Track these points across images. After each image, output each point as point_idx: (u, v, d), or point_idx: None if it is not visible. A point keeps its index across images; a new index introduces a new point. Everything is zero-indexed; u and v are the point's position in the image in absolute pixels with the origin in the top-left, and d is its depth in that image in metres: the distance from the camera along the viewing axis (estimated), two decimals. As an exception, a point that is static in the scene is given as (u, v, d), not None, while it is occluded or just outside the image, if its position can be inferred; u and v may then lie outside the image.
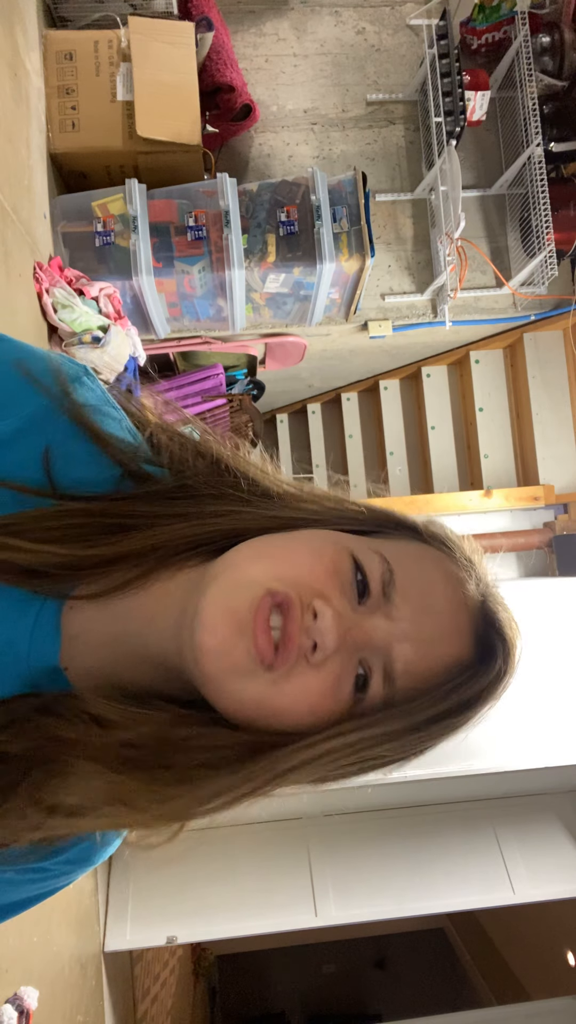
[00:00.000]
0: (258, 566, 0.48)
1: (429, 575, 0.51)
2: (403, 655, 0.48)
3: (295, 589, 0.47)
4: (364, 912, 2.90)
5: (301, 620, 0.46)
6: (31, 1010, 1.86)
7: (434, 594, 0.50)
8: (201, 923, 2.83)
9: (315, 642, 0.46)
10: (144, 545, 0.49)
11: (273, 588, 0.46)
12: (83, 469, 0.51)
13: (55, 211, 2.41)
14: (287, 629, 0.46)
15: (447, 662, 0.49)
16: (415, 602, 0.49)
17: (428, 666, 0.49)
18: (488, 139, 3.09)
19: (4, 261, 1.91)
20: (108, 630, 0.51)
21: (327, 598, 0.47)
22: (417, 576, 0.50)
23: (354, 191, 2.56)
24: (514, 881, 2.94)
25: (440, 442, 3.68)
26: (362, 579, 0.49)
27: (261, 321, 2.90)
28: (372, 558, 0.49)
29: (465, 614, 0.50)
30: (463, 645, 0.50)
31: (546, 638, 2.56)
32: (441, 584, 0.51)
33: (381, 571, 0.49)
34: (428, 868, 2.98)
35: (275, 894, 2.89)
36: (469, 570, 0.52)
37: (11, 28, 2.13)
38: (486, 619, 0.51)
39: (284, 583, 0.47)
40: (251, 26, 3.01)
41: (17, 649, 0.49)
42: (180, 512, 0.51)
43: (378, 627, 0.48)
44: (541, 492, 3.25)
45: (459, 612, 0.50)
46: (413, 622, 0.49)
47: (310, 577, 0.48)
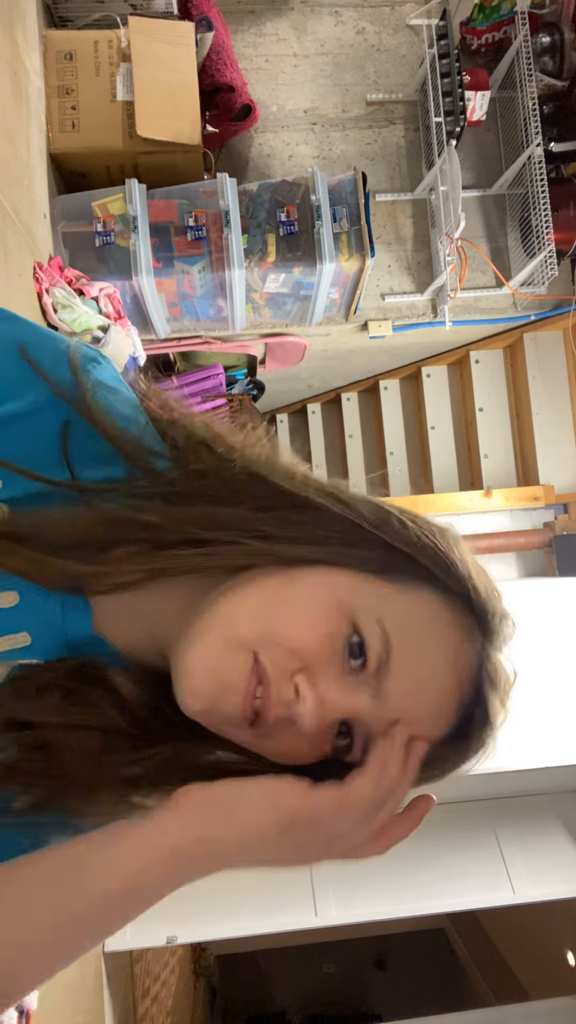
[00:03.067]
0: (249, 626, 0.47)
1: (428, 649, 0.49)
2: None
3: (281, 661, 0.46)
4: (364, 912, 2.90)
5: (279, 698, 0.46)
6: (31, 1010, 1.86)
7: (429, 676, 0.48)
8: (201, 923, 2.83)
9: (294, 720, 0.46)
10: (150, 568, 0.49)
11: (259, 659, 0.46)
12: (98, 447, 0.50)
13: (55, 211, 2.41)
14: (264, 704, 0.46)
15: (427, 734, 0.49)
16: (408, 683, 0.48)
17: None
18: (488, 139, 3.09)
19: (4, 261, 1.91)
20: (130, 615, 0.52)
21: (313, 671, 0.46)
22: (415, 651, 0.48)
23: (354, 191, 2.56)
24: (514, 881, 2.94)
25: (440, 442, 3.68)
26: (358, 642, 0.47)
27: (261, 321, 2.90)
28: (373, 630, 0.47)
29: (457, 693, 0.49)
30: (446, 721, 0.50)
31: (546, 638, 2.56)
32: (440, 663, 0.49)
33: (379, 650, 0.47)
34: (428, 868, 2.98)
35: (275, 894, 2.89)
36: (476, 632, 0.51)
37: (11, 28, 2.13)
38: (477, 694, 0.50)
39: (270, 651, 0.46)
40: (251, 26, 3.01)
41: (53, 624, 0.51)
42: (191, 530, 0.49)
43: (363, 705, 0.47)
44: (541, 492, 3.25)
45: (450, 694, 0.49)
46: (400, 703, 0.48)
47: (299, 645, 0.46)
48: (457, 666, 0.49)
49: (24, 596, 0.50)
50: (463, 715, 0.50)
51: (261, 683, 0.46)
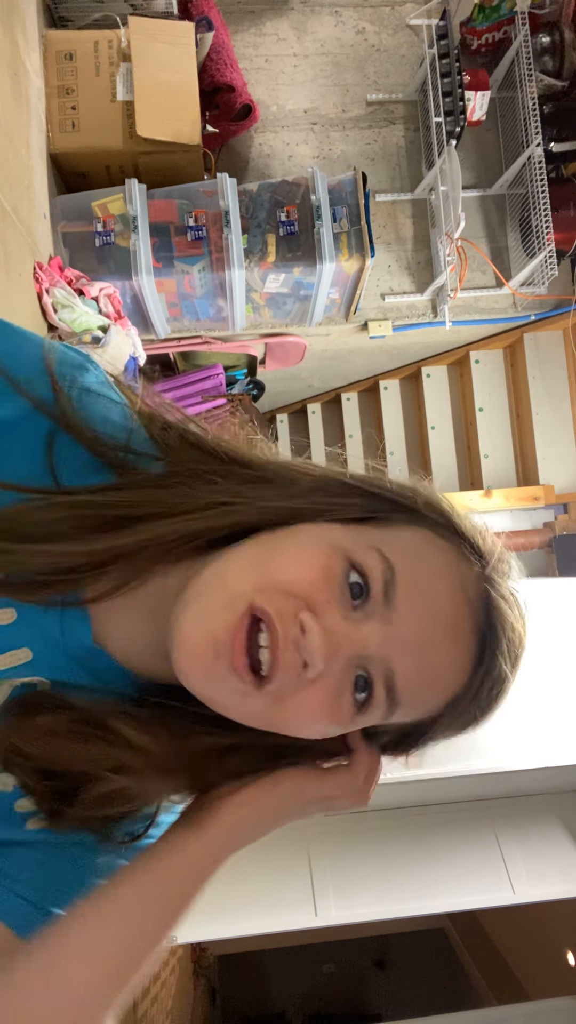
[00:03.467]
0: (240, 581, 0.46)
1: (431, 569, 0.48)
2: (403, 665, 0.46)
3: (279, 603, 0.44)
4: (364, 912, 2.90)
5: (286, 637, 0.44)
6: (31, 1010, 1.86)
7: (436, 591, 0.47)
8: (201, 923, 2.83)
9: (304, 660, 0.44)
10: (133, 542, 0.47)
11: (256, 604, 0.44)
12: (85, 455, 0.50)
13: (55, 211, 2.41)
14: (271, 650, 0.44)
15: (448, 669, 0.48)
16: (416, 603, 0.46)
17: (429, 675, 0.47)
18: (488, 139, 3.09)
19: (4, 261, 1.91)
20: (129, 622, 0.51)
21: (316, 609, 0.45)
22: (419, 572, 0.47)
23: (354, 191, 2.56)
24: (514, 881, 2.94)
25: (440, 442, 3.68)
26: (357, 580, 0.46)
27: (261, 321, 2.90)
28: (370, 556, 0.47)
29: (468, 614, 0.48)
30: (465, 647, 0.48)
31: (546, 638, 2.56)
32: (443, 582, 0.48)
33: (382, 570, 0.46)
34: (428, 868, 2.98)
35: (275, 894, 2.89)
36: (473, 558, 0.50)
37: (11, 28, 2.13)
38: (488, 615, 0.49)
39: (268, 596, 0.45)
40: (251, 26, 3.01)
41: (53, 638, 0.49)
42: (168, 504, 0.49)
43: (374, 635, 0.46)
44: (541, 492, 3.25)
45: (461, 613, 0.48)
46: (413, 626, 0.46)
47: (297, 586, 0.45)
48: (463, 584, 0.48)
49: (21, 612, 0.49)
50: (480, 640, 0.48)
51: (266, 628, 0.44)
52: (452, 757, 2.36)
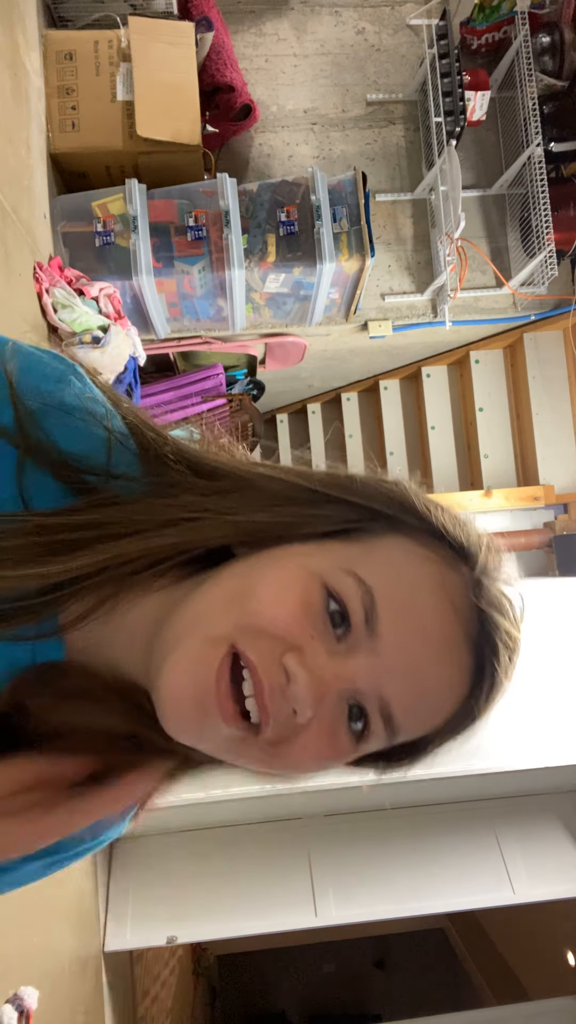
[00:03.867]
0: (220, 621, 0.44)
1: (413, 584, 0.45)
2: (397, 694, 0.44)
3: (262, 646, 0.43)
4: (364, 912, 2.90)
5: (271, 686, 0.42)
6: (31, 1010, 1.86)
7: (422, 608, 0.45)
8: (201, 923, 2.83)
9: (293, 708, 0.43)
10: (91, 563, 0.44)
11: (237, 647, 0.43)
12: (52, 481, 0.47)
13: (55, 211, 2.41)
14: (257, 699, 0.43)
15: (446, 687, 0.46)
16: (402, 627, 0.44)
17: (425, 698, 0.45)
18: (488, 139, 3.09)
19: (4, 261, 1.91)
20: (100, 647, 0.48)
21: (299, 649, 0.43)
22: (400, 591, 0.45)
23: (354, 191, 2.56)
24: (514, 881, 2.94)
25: (440, 442, 3.68)
26: (337, 609, 0.44)
27: (261, 321, 2.90)
28: (347, 583, 0.44)
29: (458, 623, 0.45)
30: (459, 662, 0.46)
31: (546, 638, 2.56)
32: (428, 593, 0.45)
33: (360, 597, 0.44)
34: (428, 868, 2.98)
35: (275, 894, 2.89)
36: (456, 562, 0.47)
37: (11, 28, 2.13)
38: (482, 624, 0.46)
39: (249, 640, 0.43)
40: (251, 26, 3.01)
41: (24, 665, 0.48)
42: (127, 523, 0.46)
43: (361, 668, 0.44)
44: (541, 492, 3.25)
45: (451, 624, 0.45)
46: (401, 653, 0.44)
47: (278, 625, 0.43)
48: (449, 595, 0.45)
49: None
50: (475, 651, 0.46)
51: (248, 676, 0.43)
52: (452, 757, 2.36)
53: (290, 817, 3.10)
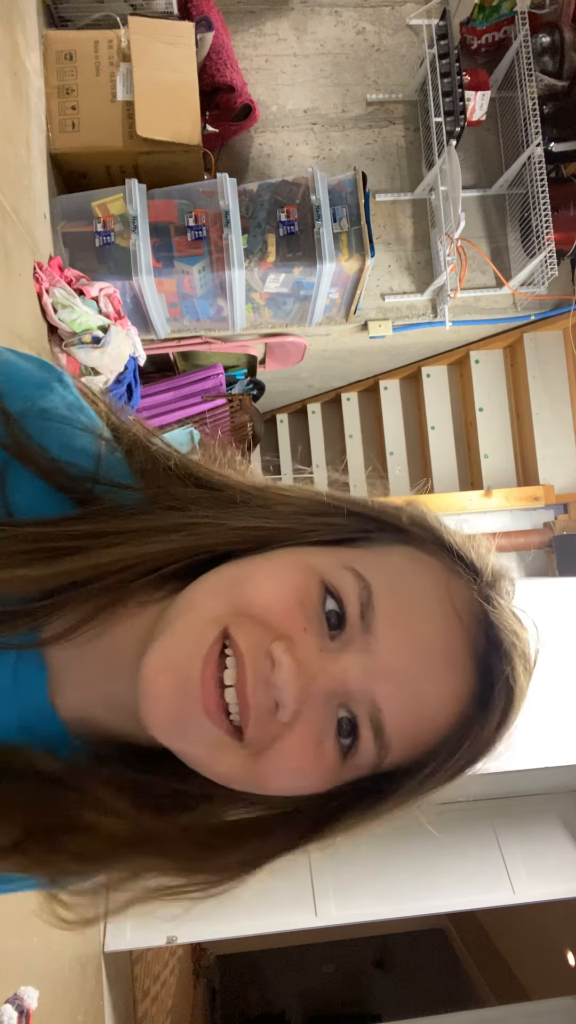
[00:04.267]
0: (212, 604, 0.42)
1: (414, 587, 0.43)
2: (389, 699, 0.41)
3: (251, 633, 0.40)
4: (364, 912, 2.90)
5: (255, 674, 0.40)
6: (31, 1010, 1.86)
7: (422, 612, 0.42)
8: (201, 923, 2.83)
9: (275, 701, 0.40)
10: (88, 566, 0.42)
11: (230, 631, 0.40)
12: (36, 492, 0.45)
13: (55, 211, 2.41)
14: (239, 691, 0.40)
15: (443, 702, 0.42)
16: (399, 626, 0.41)
17: (420, 710, 0.42)
18: (488, 139, 3.09)
19: (4, 261, 1.91)
20: (89, 670, 0.45)
21: (289, 639, 0.40)
22: (401, 591, 0.43)
23: (354, 191, 2.56)
24: (514, 881, 2.94)
25: (440, 442, 3.68)
26: (334, 608, 0.42)
27: (261, 321, 2.90)
28: (345, 577, 0.42)
29: (461, 637, 0.43)
30: (461, 676, 0.42)
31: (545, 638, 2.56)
32: (430, 598, 0.43)
33: (357, 591, 0.41)
34: (428, 868, 2.98)
35: (275, 894, 2.89)
36: (462, 574, 0.44)
37: (11, 28, 2.13)
38: (488, 635, 0.43)
39: (239, 625, 0.40)
40: (251, 26, 3.01)
41: (3, 687, 0.44)
42: (127, 529, 0.44)
43: (353, 667, 0.41)
44: (541, 492, 3.25)
45: (453, 636, 0.42)
46: (397, 653, 0.41)
47: (270, 612, 0.41)
48: (453, 602, 0.43)
49: None
50: (482, 666, 0.43)
51: (233, 664, 0.40)
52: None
53: (290, 817, 3.10)
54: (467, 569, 0.45)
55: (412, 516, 0.47)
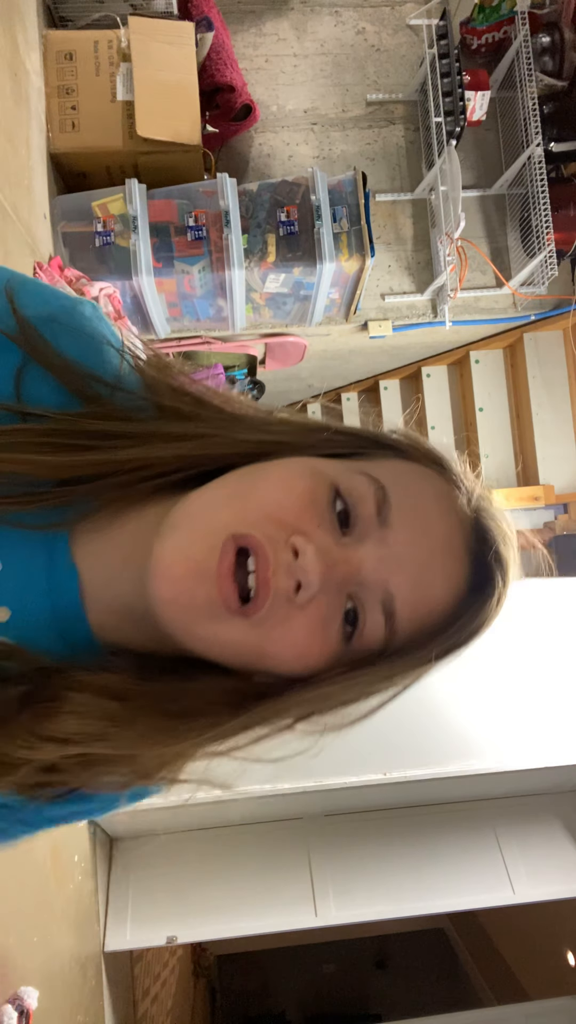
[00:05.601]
0: (224, 509, 0.44)
1: (421, 494, 0.48)
2: (401, 586, 0.45)
3: (266, 529, 0.43)
4: (364, 912, 2.90)
5: (276, 561, 0.42)
6: (31, 1010, 1.86)
7: (428, 514, 0.47)
8: (201, 923, 2.83)
9: (298, 581, 0.42)
10: (102, 460, 0.46)
11: (240, 532, 0.42)
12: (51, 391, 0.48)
13: (55, 211, 2.41)
14: (260, 574, 0.42)
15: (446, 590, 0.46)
16: (411, 524, 0.46)
17: (428, 596, 0.46)
18: (488, 139, 3.09)
19: (4, 261, 1.91)
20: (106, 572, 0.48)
21: (306, 533, 0.43)
22: (410, 495, 0.47)
23: (354, 191, 2.56)
24: (514, 881, 2.94)
25: (440, 442, 3.68)
26: (343, 508, 0.45)
27: (261, 321, 2.90)
28: (358, 481, 0.46)
29: (460, 533, 0.47)
30: (460, 567, 0.47)
31: (546, 638, 2.56)
32: (434, 502, 0.47)
33: (373, 491, 0.45)
34: (428, 868, 2.98)
35: (275, 894, 2.89)
36: (460, 484, 0.49)
37: (11, 28, 2.13)
38: (480, 535, 0.48)
39: (253, 524, 0.43)
40: (251, 26, 3.01)
41: (38, 586, 0.47)
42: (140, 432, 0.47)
43: (369, 557, 0.44)
44: (541, 492, 3.25)
45: (455, 532, 0.47)
46: (410, 545, 0.45)
47: (283, 512, 0.44)
48: (452, 505, 0.48)
49: (7, 562, 0.47)
50: (475, 559, 0.48)
51: (253, 555, 0.42)
52: (452, 757, 2.36)
53: (290, 817, 3.10)
54: (458, 481, 0.50)
55: (407, 435, 0.52)
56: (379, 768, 2.29)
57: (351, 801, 3.08)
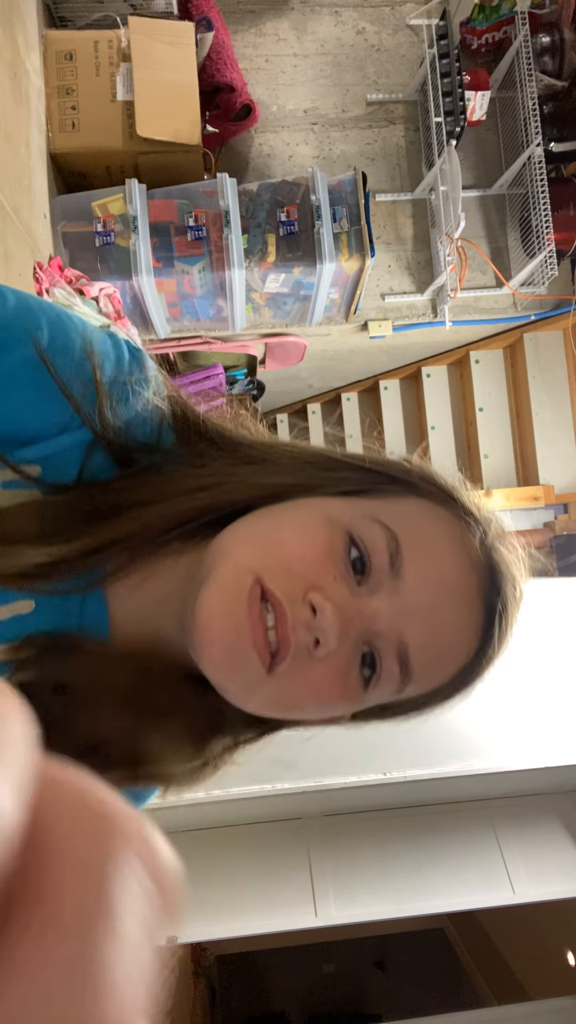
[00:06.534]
0: (246, 552, 0.46)
1: (433, 540, 0.48)
2: (415, 636, 0.46)
3: (285, 584, 0.44)
4: (364, 912, 2.90)
5: (295, 618, 0.44)
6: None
7: (441, 561, 0.47)
8: (201, 923, 2.83)
9: (316, 638, 0.44)
10: (126, 531, 0.47)
11: (262, 580, 0.44)
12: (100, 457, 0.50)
13: (55, 211, 2.41)
14: (280, 632, 0.44)
15: (461, 636, 0.47)
16: (423, 571, 0.46)
17: (440, 644, 0.47)
18: (488, 139, 3.09)
19: (4, 261, 1.91)
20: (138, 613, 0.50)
21: (323, 588, 0.45)
22: (422, 539, 0.47)
23: (354, 191, 2.56)
24: (514, 881, 2.94)
25: (440, 442, 3.68)
26: (359, 555, 0.46)
27: (261, 321, 2.90)
28: (372, 529, 0.46)
29: (473, 577, 0.48)
30: (472, 613, 0.48)
31: (546, 638, 2.56)
32: (446, 547, 0.48)
33: (386, 540, 0.46)
34: (428, 868, 2.98)
35: (275, 894, 2.89)
36: (473, 524, 0.49)
37: (11, 28, 2.13)
38: (492, 579, 0.49)
39: (274, 575, 0.44)
40: (251, 26, 3.01)
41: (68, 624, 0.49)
42: (159, 491, 0.49)
43: (384, 607, 0.45)
44: (541, 492, 3.25)
45: (467, 577, 0.47)
46: (423, 595, 0.46)
47: (302, 564, 0.45)
48: (466, 548, 0.48)
49: (40, 603, 0.48)
50: (487, 604, 0.48)
51: (273, 609, 0.44)
52: (452, 757, 2.36)
53: (290, 817, 3.10)
54: (471, 518, 0.50)
55: (421, 472, 0.52)
56: (379, 768, 2.29)
57: (351, 801, 3.08)
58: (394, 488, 0.51)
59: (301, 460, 0.52)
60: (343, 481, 0.50)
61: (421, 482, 0.51)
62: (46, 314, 0.48)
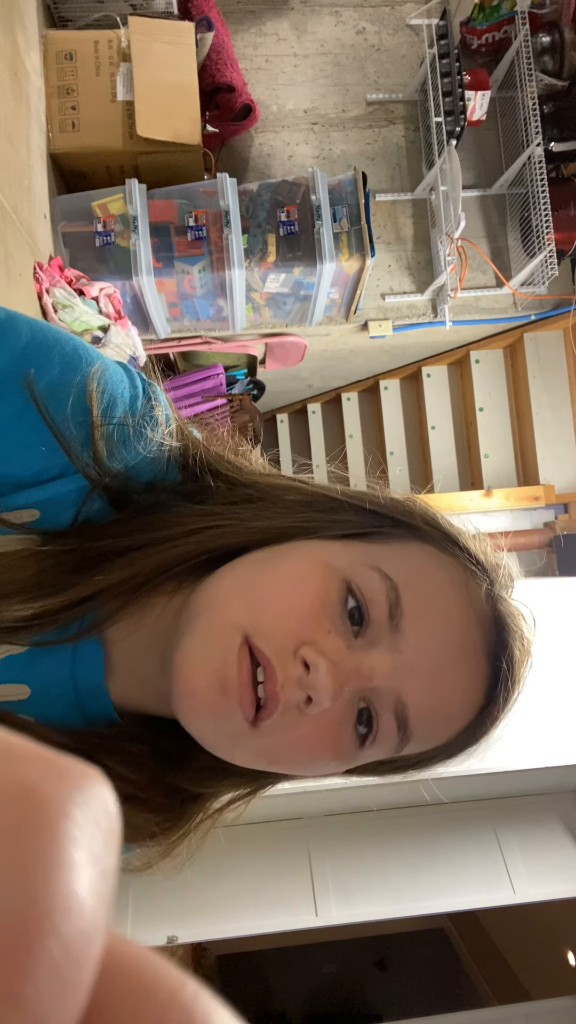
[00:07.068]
0: (236, 608, 0.42)
1: (437, 587, 0.45)
2: (414, 694, 0.43)
3: (275, 638, 0.41)
4: (364, 912, 2.90)
5: (284, 676, 0.41)
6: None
7: (445, 611, 0.44)
8: (201, 923, 2.83)
9: (308, 696, 0.41)
10: (117, 578, 0.45)
11: (250, 638, 0.41)
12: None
13: (55, 211, 2.41)
14: (268, 689, 0.41)
15: (463, 695, 0.45)
16: (425, 625, 0.43)
17: (443, 704, 0.44)
18: (488, 139, 3.09)
19: (4, 261, 1.91)
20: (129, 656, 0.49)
21: (316, 642, 0.42)
22: (425, 591, 0.44)
23: (354, 191, 2.56)
24: (514, 881, 2.94)
25: (440, 442, 3.68)
26: (356, 606, 0.43)
27: (261, 321, 2.90)
28: (371, 578, 0.43)
29: (478, 631, 0.45)
30: (475, 671, 0.45)
31: (546, 638, 2.57)
32: (450, 599, 0.45)
33: (385, 592, 0.43)
34: (428, 868, 2.98)
35: (275, 894, 2.89)
36: (478, 573, 0.46)
37: (11, 28, 2.13)
38: (498, 635, 0.46)
39: (263, 631, 0.41)
40: (251, 26, 3.01)
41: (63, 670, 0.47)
42: (151, 535, 0.46)
43: (381, 664, 0.42)
44: (541, 492, 3.25)
45: (471, 631, 0.45)
46: (423, 652, 0.43)
47: (294, 618, 0.42)
48: (471, 602, 0.45)
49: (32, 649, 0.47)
50: (492, 660, 0.45)
51: (264, 668, 0.41)
52: (452, 757, 2.35)
53: (290, 817, 3.10)
54: (477, 567, 0.46)
55: (425, 515, 0.49)
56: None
57: (351, 801, 3.08)
58: (396, 532, 0.48)
59: (300, 501, 0.49)
60: (343, 524, 0.47)
61: (425, 526, 0.48)
62: (61, 349, 0.46)
